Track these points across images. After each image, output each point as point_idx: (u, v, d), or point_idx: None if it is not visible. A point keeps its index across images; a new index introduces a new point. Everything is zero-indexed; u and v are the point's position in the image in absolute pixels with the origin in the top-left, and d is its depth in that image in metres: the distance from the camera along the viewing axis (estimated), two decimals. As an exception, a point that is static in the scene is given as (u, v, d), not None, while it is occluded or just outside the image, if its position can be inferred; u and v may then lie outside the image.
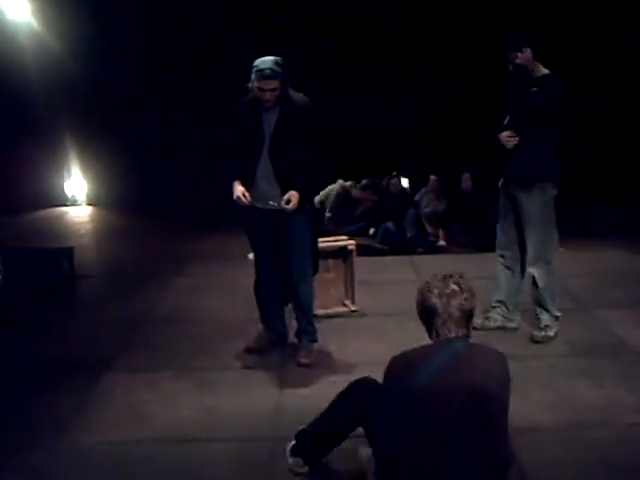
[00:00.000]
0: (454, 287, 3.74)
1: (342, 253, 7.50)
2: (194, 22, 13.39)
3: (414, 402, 3.63)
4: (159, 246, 11.14)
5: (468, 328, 3.79)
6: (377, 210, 11.46)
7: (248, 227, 6.34)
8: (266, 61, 5.80)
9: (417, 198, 12.39)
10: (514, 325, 6.96)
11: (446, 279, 3.79)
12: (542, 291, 6.69)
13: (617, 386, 5.75)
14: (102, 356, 6.55)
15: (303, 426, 4.58)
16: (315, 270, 6.58)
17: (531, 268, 6.69)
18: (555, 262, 6.74)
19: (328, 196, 11.30)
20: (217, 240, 11.35)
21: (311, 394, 5.74)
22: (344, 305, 7.51)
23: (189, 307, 7.94)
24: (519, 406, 5.23)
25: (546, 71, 6.48)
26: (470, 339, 3.83)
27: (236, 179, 6.09)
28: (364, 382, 4.38)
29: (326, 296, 7.28)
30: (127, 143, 13.78)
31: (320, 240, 6.85)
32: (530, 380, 5.83)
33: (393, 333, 6.53)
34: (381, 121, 13.66)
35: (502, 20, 11.18)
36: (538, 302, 6.77)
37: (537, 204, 6.52)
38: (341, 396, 4.46)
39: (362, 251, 8.73)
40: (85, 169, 14.96)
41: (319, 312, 6.90)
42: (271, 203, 6.08)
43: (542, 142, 6.43)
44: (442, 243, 11.52)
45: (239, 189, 6.05)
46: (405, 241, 11.03)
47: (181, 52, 13.49)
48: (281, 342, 6.65)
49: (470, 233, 11.34)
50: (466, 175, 11.68)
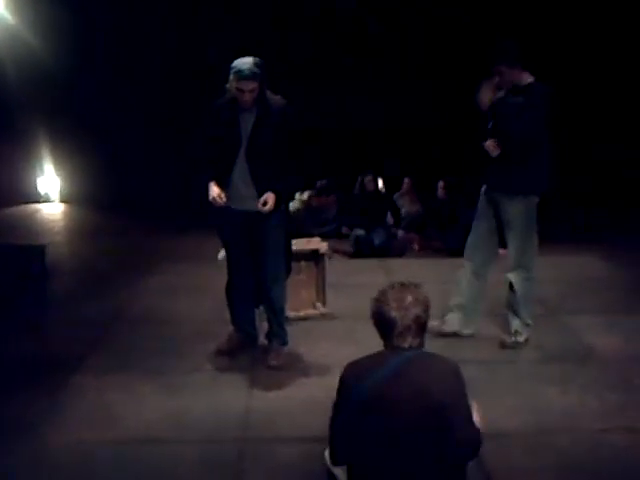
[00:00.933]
0: (410, 299, 3.75)
1: (314, 256, 7.53)
2: (169, 18, 13.36)
3: (365, 408, 3.66)
4: (132, 245, 11.11)
5: (422, 338, 3.82)
6: (345, 208, 11.50)
7: (222, 228, 6.33)
8: (245, 62, 5.81)
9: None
10: (470, 332, 6.95)
11: (402, 290, 3.80)
12: (518, 297, 6.72)
13: (585, 392, 5.80)
14: (73, 356, 6.54)
15: None
16: (288, 272, 6.60)
17: (510, 274, 6.72)
18: (535, 270, 6.76)
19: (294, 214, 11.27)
20: (190, 240, 11.32)
21: (280, 396, 5.77)
22: (315, 308, 7.55)
23: (160, 307, 7.93)
24: (486, 411, 5.28)
25: (531, 79, 6.43)
26: (424, 348, 3.86)
27: (211, 180, 6.09)
28: None
29: (297, 298, 7.30)
30: (101, 140, 13.76)
31: (292, 242, 6.88)
32: (498, 386, 5.90)
33: (363, 336, 6.47)
34: (359, 121, 13.68)
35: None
36: (511, 307, 6.80)
37: (521, 211, 6.52)
38: None
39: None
40: (58, 166, 14.89)
41: (290, 314, 6.91)
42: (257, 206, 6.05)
43: (529, 152, 6.40)
44: (415, 247, 11.56)
45: (215, 190, 6.05)
46: (374, 248, 11.02)
47: (155, 48, 13.44)
48: (251, 344, 6.66)
49: (443, 238, 11.38)
50: (441, 183, 11.77)
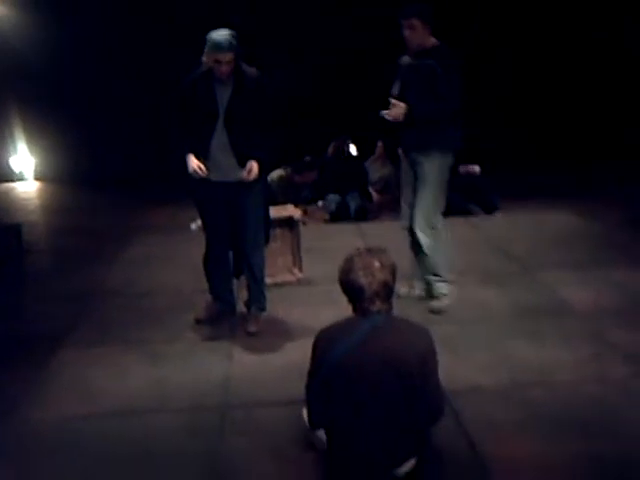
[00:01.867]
0: (377, 264, 3.83)
1: (288, 222, 7.59)
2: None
3: (336, 373, 3.75)
4: (106, 220, 11.10)
5: (389, 302, 3.90)
6: (321, 182, 11.50)
7: (201, 200, 6.38)
8: (221, 34, 5.87)
9: (366, 165, 12.41)
10: (419, 292, 6.95)
11: (369, 256, 3.87)
12: (430, 258, 6.69)
13: (558, 346, 5.91)
14: (52, 331, 6.57)
15: None
16: (267, 240, 6.67)
17: (418, 232, 6.64)
18: (442, 230, 6.72)
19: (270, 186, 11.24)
20: (166, 211, 11.35)
21: (260, 362, 5.85)
22: (291, 273, 7.62)
23: (138, 279, 7.97)
24: (460, 368, 5.43)
25: (435, 41, 6.47)
26: (392, 311, 3.94)
27: (189, 152, 6.13)
28: None
29: (273, 265, 7.35)
30: (74, 117, 13.68)
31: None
32: (472, 342, 6.01)
33: (340, 299, 6.52)
34: (333, 89, 13.65)
35: None
36: (428, 270, 6.76)
37: (435, 166, 6.51)
38: None
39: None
40: (32, 144, 14.80)
41: (267, 281, 6.97)
42: (239, 175, 6.10)
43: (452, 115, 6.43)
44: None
45: (194, 162, 6.08)
46: (349, 214, 11.05)
47: (129, 25, 13.37)
48: (230, 312, 6.73)
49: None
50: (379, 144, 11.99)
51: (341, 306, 4.26)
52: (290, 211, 7.72)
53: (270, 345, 6.13)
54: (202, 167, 6.07)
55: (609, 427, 4.72)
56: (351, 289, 3.90)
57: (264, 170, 6.24)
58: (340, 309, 4.23)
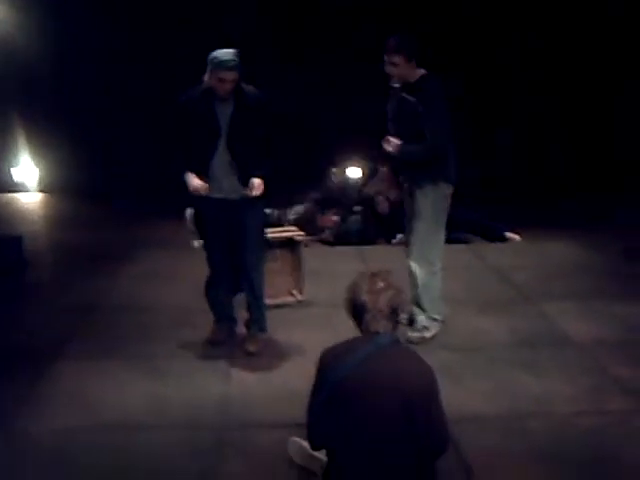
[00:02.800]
0: (382, 285, 3.84)
1: (289, 243, 7.59)
2: (147, 8, 13.34)
3: (338, 392, 3.74)
4: (109, 233, 11.09)
5: (394, 323, 3.91)
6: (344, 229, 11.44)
7: (201, 218, 6.40)
8: (227, 52, 5.92)
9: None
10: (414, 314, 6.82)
11: (374, 277, 3.89)
12: (420, 292, 6.59)
13: (557, 377, 5.89)
14: (51, 344, 6.57)
15: None
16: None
17: (413, 264, 6.58)
18: (439, 266, 6.65)
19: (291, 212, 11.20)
20: (168, 226, 11.33)
21: (258, 383, 5.84)
22: (291, 295, 7.61)
23: (139, 295, 7.97)
24: (459, 396, 5.41)
25: (422, 72, 6.41)
26: (396, 333, 3.94)
27: (189, 171, 6.15)
28: None
29: (273, 286, 7.29)
30: (77, 128, 13.69)
31: (268, 230, 6.95)
32: (472, 371, 6.00)
33: (339, 323, 6.49)
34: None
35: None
36: (416, 302, 6.66)
37: (428, 199, 6.44)
38: None
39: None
40: (35, 155, 14.81)
41: (267, 302, 6.96)
42: (243, 193, 6.14)
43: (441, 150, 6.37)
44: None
45: (196, 182, 6.11)
46: (352, 235, 11.02)
47: (132, 38, 13.41)
48: (232, 331, 6.72)
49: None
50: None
51: (341, 329, 4.25)
52: (292, 232, 7.72)
53: (268, 366, 6.13)
54: (204, 186, 6.09)
55: (606, 461, 4.70)
56: (355, 307, 3.90)
57: (267, 187, 6.24)
58: (339, 333, 4.21)
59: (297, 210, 11.04)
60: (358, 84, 12.16)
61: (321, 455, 4.17)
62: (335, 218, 11.40)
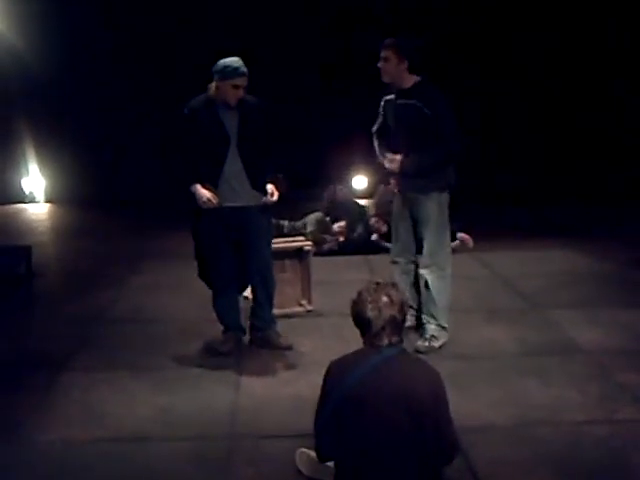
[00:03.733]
0: (385, 299, 3.83)
1: (298, 253, 7.60)
2: (148, 17, 13.39)
3: (346, 404, 3.75)
4: (116, 244, 11.11)
5: (399, 336, 3.91)
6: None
7: (210, 230, 6.32)
8: (236, 60, 6.04)
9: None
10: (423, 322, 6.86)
11: (378, 291, 3.88)
12: (435, 299, 6.61)
13: (565, 385, 5.88)
14: (60, 355, 6.59)
15: None
16: None
17: (424, 270, 6.62)
18: (449, 271, 6.69)
19: (307, 222, 11.16)
20: (176, 236, 11.29)
21: (267, 393, 5.83)
22: (300, 305, 7.61)
23: (146, 306, 7.99)
24: (467, 405, 5.41)
25: (416, 78, 6.43)
26: (402, 344, 3.94)
27: (195, 182, 6.17)
28: None
29: (282, 296, 7.32)
30: (85, 140, 13.74)
31: (277, 240, 6.97)
32: (479, 379, 5.99)
33: (348, 332, 6.47)
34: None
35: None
36: (428, 311, 6.69)
37: (435, 206, 6.50)
38: None
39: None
40: (43, 166, 14.84)
41: (275, 312, 6.97)
42: (264, 200, 6.29)
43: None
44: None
45: (204, 193, 6.13)
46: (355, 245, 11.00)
47: (137, 48, 13.46)
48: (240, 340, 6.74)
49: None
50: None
51: (350, 339, 4.27)
52: (300, 242, 7.73)
53: (278, 376, 6.14)
54: (214, 197, 6.11)
55: (615, 470, 4.70)
56: (360, 322, 3.91)
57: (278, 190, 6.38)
58: (349, 342, 4.24)
59: (311, 221, 11.01)
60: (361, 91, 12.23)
61: (330, 466, 4.17)
62: (343, 226, 11.38)
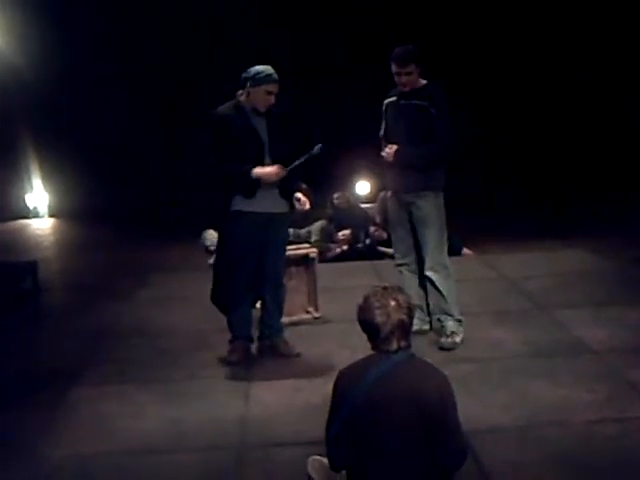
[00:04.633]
0: (393, 304, 3.83)
1: (304, 261, 7.60)
2: (151, 29, 13.43)
3: (357, 412, 3.75)
4: (122, 257, 11.15)
5: (407, 340, 3.91)
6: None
7: (245, 234, 6.28)
8: (267, 67, 6.14)
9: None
10: (428, 327, 6.99)
11: (385, 295, 3.88)
12: (445, 297, 6.71)
13: (575, 385, 5.87)
14: (68, 369, 6.60)
15: None
16: None
17: (429, 272, 6.70)
18: (452, 269, 6.81)
19: (312, 231, 11.18)
20: (181, 249, 11.38)
21: (277, 402, 5.83)
22: (307, 312, 7.61)
23: (153, 319, 7.98)
24: (476, 407, 5.41)
25: (424, 81, 6.58)
26: (410, 349, 3.95)
27: (248, 171, 6.14)
28: None
29: (289, 304, 7.26)
30: (89, 153, 13.79)
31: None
32: (487, 381, 5.99)
33: (357, 339, 6.46)
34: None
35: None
36: (442, 309, 6.77)
37: (433, 207, 6.61)
38: None
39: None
40: (47, 181, 14.89)
41: (283, 320, 6.97)
42: (298, 206, 6.42)
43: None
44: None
45: (271, 168, 6.16)
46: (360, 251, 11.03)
47: (145, 64, 13.50)
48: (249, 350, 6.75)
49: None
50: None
51: (358, 346, 4.27)
52: (306, 249, 7.73)
53: (287, 385, 6.12)
54: (280, 167, 6.19)
55: (626, 468, 4.69)
56: (368, 328, 3.91)
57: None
58: (357, 349, 4.25)
59: (315, 230, 11.04)
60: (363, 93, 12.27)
61: (342, 473, 4.17)
62: (347, 234, 11.40)
